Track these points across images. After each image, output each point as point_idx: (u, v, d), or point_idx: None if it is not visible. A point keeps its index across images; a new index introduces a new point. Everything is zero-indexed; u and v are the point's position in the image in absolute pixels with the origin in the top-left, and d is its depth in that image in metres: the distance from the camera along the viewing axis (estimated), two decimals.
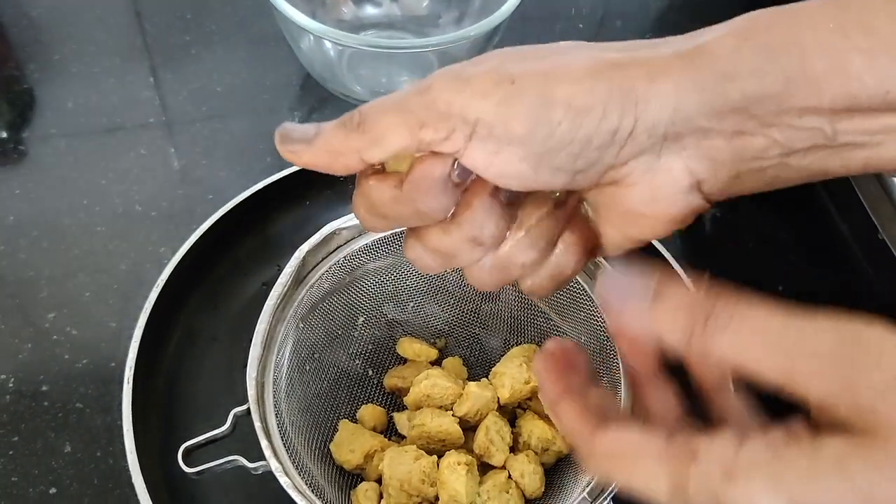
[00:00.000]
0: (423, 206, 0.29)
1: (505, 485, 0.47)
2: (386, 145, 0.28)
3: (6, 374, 0.53)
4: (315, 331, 0.51)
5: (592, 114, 0.27)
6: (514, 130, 0.27)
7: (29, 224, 0.60)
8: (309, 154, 0.30)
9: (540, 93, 0.27)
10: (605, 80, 0.27)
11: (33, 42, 0.71)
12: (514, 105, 0.27)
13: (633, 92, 0.27)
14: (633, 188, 0.29)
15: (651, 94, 0.27)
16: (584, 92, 0.27)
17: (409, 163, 0.29)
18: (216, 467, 0.43)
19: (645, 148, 0.28)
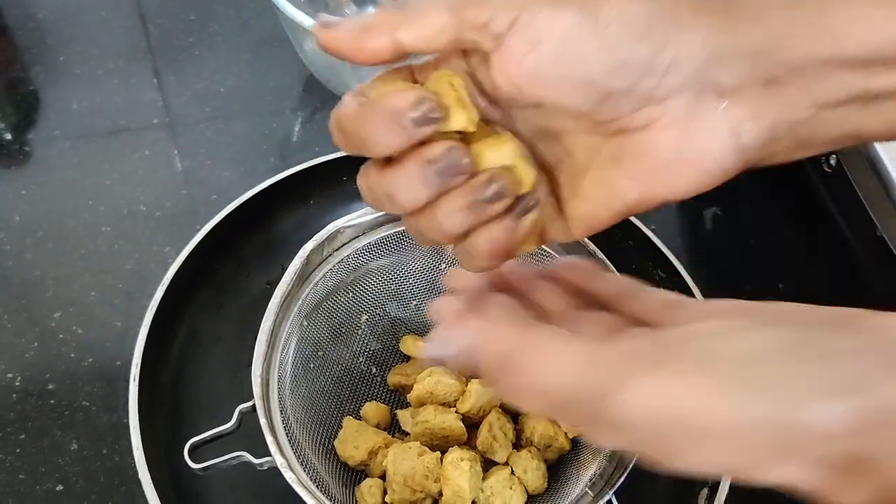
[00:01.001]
0: (368, 131, 0.27)
1: (508, 481, 0.47)
2: (424, 22, 0.26)
3: (13, 373, 0.54)
4: (319, 329, 0.51)
5: (637, 28, 0.26)
6: (557, 25, 0.25)
7: (34, 225, 0.61)
8: (341, 30, 0.27)
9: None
10: (654, 2, 0.26)
11: (38, 44, 0.72)
12: (562, 2, 0.26)
13: (678, 20, 0.26)
14: (666, 133, 0.27)
15: (694, 26, 0.26)
16: (633, 9, 0.26)
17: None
18: (222, 463, 0.44)
19: (685, 83, 0.26)
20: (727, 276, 0.61)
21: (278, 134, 0.68)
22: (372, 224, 0.51)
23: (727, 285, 0.59)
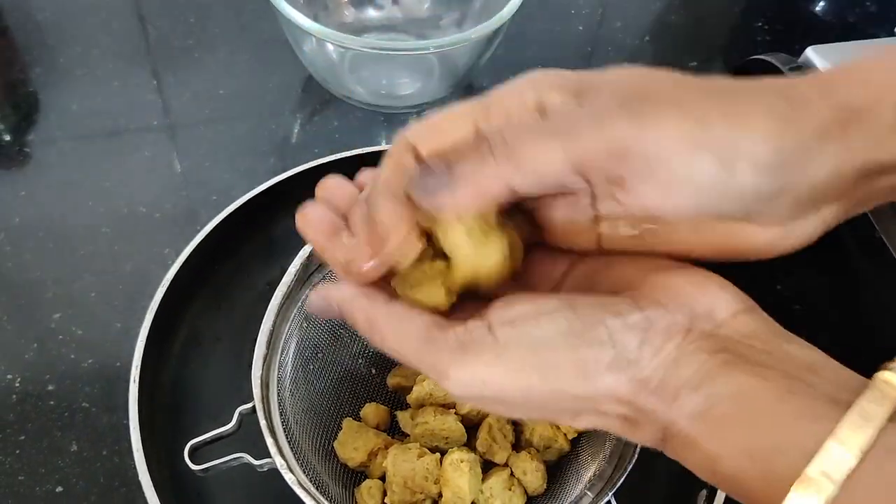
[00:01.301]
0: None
1: (507, 482, 0.47)
2: (539, 169, 0.27)
3: (12, 374, 0.54)
4: (319, 330, 0.51)
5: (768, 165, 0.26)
6: (695, 172, 0.26)
7: (34, 226, 0.61)
8: (456, 196, 0.28)
9: (728, 137, 0.26)
10: (791, 133, 0.26)
11: (38, 45, 0.72)
12: (701, 146, 0.26)
13: (809, 149, 0.27)
14: (766, 230, 0.29)
15: (821, 152, 0.27)
16: (770, 147, 0.26)
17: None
18: (222, 465, 0.44)
19: (802, 209, 0.28)
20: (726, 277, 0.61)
21: (278, 135, 0.68)
22: None
23: None
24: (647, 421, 0.28)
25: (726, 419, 0.26)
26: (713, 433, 0.26)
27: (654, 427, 0.28)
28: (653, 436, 0.28)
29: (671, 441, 0.28)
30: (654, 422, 0.27)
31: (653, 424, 0.28)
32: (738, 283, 0.28)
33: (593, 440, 0.49)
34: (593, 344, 0.27)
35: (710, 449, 0.26)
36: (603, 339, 0.27)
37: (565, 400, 0.28)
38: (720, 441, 0.26)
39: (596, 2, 0.79)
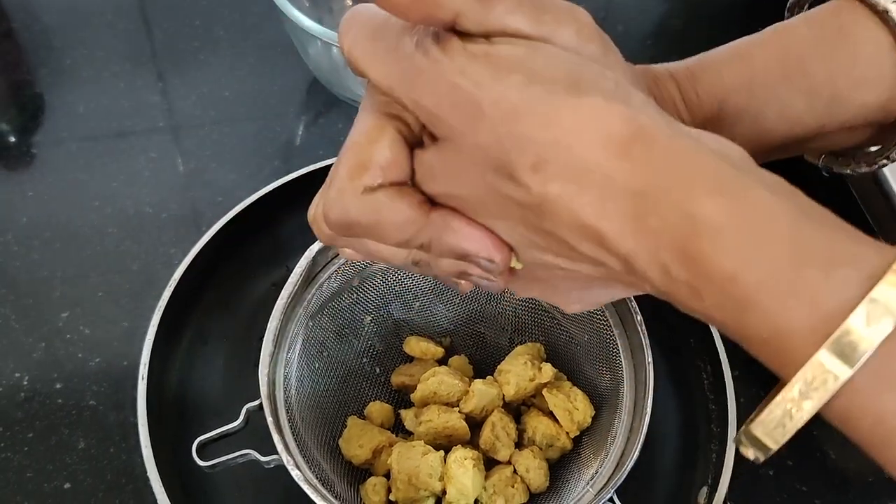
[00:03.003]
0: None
1: (510, 479, 0.48)
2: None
3: (21, 373, 0.54)
4: (324, 329, 0.52)
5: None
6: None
7: (42, 225, 0.61)
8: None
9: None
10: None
11: (44, 47, 0.73)
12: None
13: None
14: None
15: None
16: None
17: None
18: (229, 461, 0.44)
19: None
20: None
21: (282, 137, 0.68)
22: None
23: None
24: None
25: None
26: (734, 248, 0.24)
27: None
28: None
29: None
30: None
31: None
32: None
33: (596, 439, 0.49)
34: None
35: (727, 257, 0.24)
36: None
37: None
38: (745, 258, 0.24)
39: (599, 5, 0.80)
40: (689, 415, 0.54)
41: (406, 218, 0.28)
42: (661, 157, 0.25)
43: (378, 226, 0.28)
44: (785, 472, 0.53)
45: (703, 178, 0.24)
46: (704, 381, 0.54)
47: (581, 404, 0.49)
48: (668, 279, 0.25)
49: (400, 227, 0.28)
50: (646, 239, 0.25)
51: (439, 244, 0.29)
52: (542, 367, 0.50)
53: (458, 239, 0.28)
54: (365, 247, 0.30)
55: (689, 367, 0.55)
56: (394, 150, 0.28)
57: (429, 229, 0.28)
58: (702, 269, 0.24)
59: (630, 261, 0.25)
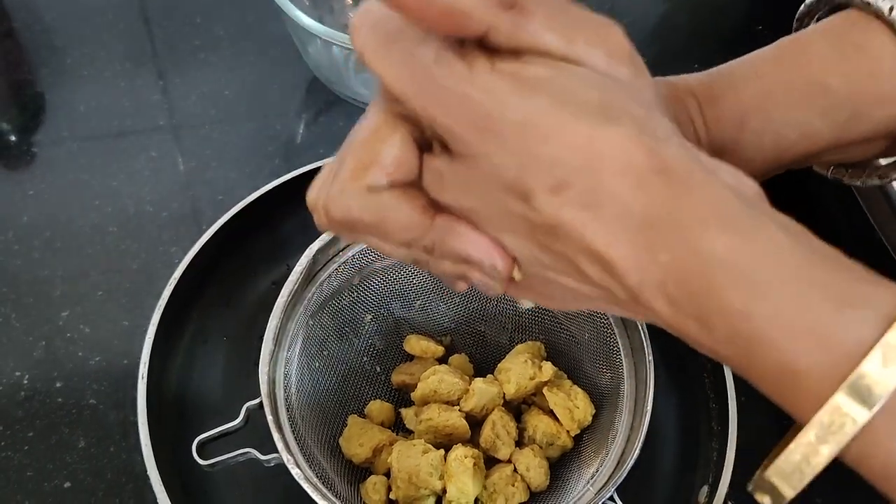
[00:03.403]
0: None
1: (511, 478, 0.48)
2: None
3: (21, 372, 0.54)
4: (324, 328, 0.52)
5: None
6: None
7: (42, 224, 0.61)
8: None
9: None
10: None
11: (45, 46, 0.73)
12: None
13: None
14: None
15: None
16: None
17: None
18: (229, 460, 0.44)
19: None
20: None
21: (283, 136, 0.68)
22: None
23: None
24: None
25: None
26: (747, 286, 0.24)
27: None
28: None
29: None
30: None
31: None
32: None
33: (596, 438, 0.49)
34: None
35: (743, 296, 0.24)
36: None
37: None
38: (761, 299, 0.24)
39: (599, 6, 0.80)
40: (689, 414, 0.54)
41: (410, 221, 0.28)
42: (677, 192, 0.24)
43: (381, 226, 0.28)
44: None
45: (717, 215, 0.24)
46: (705, 380, 0.54)
47: (581, 403, 0.49)
48: (676, 312, 0.25)
49: (403, 230, 0.28)
50: (655, 272, 0.25)
51: (442, 248, 0.28)
52: (543, 365, 0.50)
53: (462, 244, 0.28)
54: (366, 241, 0.30)
55: (690, 365, 0.55)
56: (403, 150, 0.27)
57: (433, 233, 0.28)
58: (711, 305, 0.24)
59: (637, 292, 0.25)
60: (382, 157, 0.27)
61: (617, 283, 0.26)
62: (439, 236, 0.28)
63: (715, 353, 0.26)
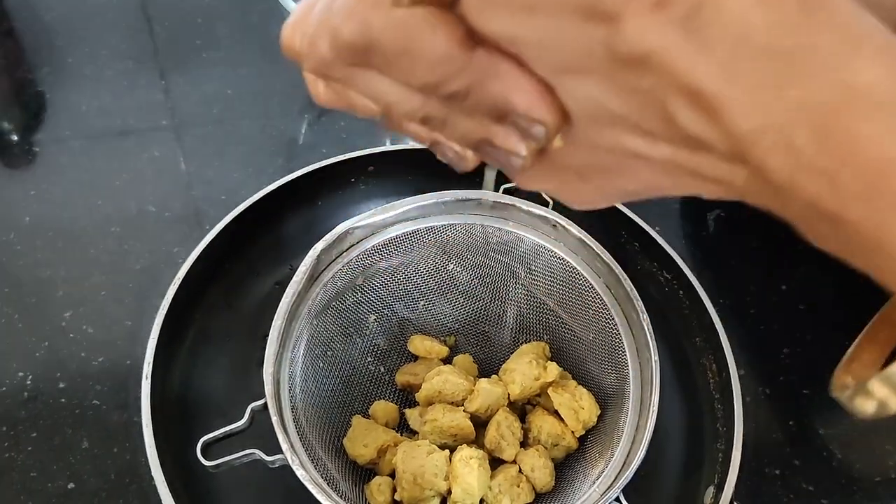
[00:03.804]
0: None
1: (516, 478, 0.48)
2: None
3: (24, 372, 0.54)
4: (328, 328, 0.51)
5: None
6: None
7: (45, 224, 0.61)
8: None
9: None
10: None
11: (46, 46, 0.72)
12: None
13: None
14: None
15: None
16: None
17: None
18: (234, 461, 0.44)
19: None
20: (731, 277, 0.62)
21: (285, 136, 0.68)
22: (381, 224, 0.52)
23: (731, 286, 0.60)
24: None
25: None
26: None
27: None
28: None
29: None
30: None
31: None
32: (743, 284, 0.28)
33: (601, 438, 0.49)
34: None
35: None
36: None
37: None
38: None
39: None
40: (695, 414, 0.54)
41: (444, 53, 0.21)
42: (816, 11, 0.20)
43: (406, 55, 0.21)
44: (791, 472, 0.52)
45: (866, 41, 0.20)
46: (710, 380, 0.54)
47: (586, 403, 0.49)
48: (797, 166, 0.20)
49: (435, 63, 0.22)
50: (782, 113, 0.20)
51: (479, 93, 0.22)
52: (548, 366, 0.50)
53: (505, 89, 0.22)
54: (369, 84, 0.23)
55: (695, 366, 0.55)
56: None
57: (469, 72, 0.22)
58: (850, 152, 0.20)
59: (748, 142, 0.20)
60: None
61: (720, 131, 0.20)
62: (477, 78, 0.22)
63: (838, 218, 0.21)
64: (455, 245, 0.53)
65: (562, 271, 0.52)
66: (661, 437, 0.50)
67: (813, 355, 0.57)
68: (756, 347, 0.57)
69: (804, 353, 0.57)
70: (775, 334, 0.58)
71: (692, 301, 0.56)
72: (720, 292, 0.56)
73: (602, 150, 0.22)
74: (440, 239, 0.53)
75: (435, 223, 0.52)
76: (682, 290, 0.57)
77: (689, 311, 0.56)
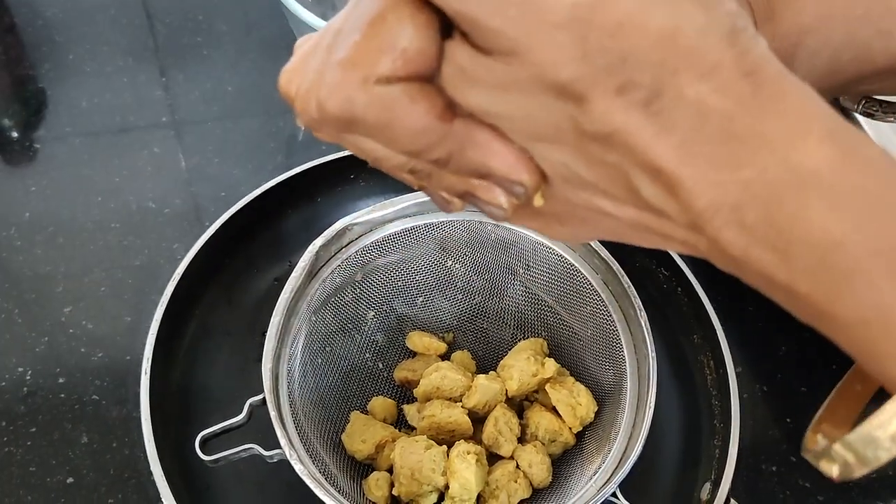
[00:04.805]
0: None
1: (513, 474, 0.48)
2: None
3: (23, 367, 0.54)
4: (327, 324, 0.52)
5: None
6: None
7: (45, 221, 0.61)
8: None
9: None
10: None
11: (47, 42, 0.73)
12: None
13: None
14: None
15: None
16: None
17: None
18: (232, 455, 0.44)
19: None
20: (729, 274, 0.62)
21: (285, 132, 0.68)
22: (380, 221, 0.52)
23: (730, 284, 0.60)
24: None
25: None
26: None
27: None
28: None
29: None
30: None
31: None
32: (741, 281, 0.28)
33: (598, 434, 0.49)
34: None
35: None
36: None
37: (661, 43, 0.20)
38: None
39: None
40: (691, 411, 0.54)
41: (425, 125, 0.23)
42: (767, 97, 0.21)
43: (388, 128, 0.23)
44: (788, 469, 0.53)
45: (815, 125, 0.21)
46: (707, 377, 0.54)
47: (584, 399, 0.49)
48: (750, 241, 0.21)
49: (415, 135, 0.23)
50: (732, 192, 0.21)
51: (460, 159, 0.24)
52: (545, 362, 0.50)
53: (485, 155, 0.23)
54: (358, 144, 0.25)
55: (692, 362, 0.55)
56: (423, 34, 0.22)
57: (449, 142, 0.23)
58: (799, 231, 0.21)
59: (703, 218, 0.21)
60: (399, 40, 0.22)
61: (679, 205, 0.22)
62: (457, 147, 0.23)
63: (790, 290, 0.22)
64: (453, 242, 0.53)
65: (560, 268, 0.52)
66: (658, 433, 0.50)
67: (810, 353, 0.57)
68: (754, 345, 0.58)
69: (802, 351, 0.58)
70: (773, 332, 0.58)
71: (690, 298, 0.56)
72: (718, 289, 0.56)
73: (576, 206, 0.24)
74: (439, 235, 0.53)
75: (433, 220, 0.52)
76: (679, 286, 0.57)
77: (687, 307, 0.56)
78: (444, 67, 0.22)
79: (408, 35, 0.21)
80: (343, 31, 0.23)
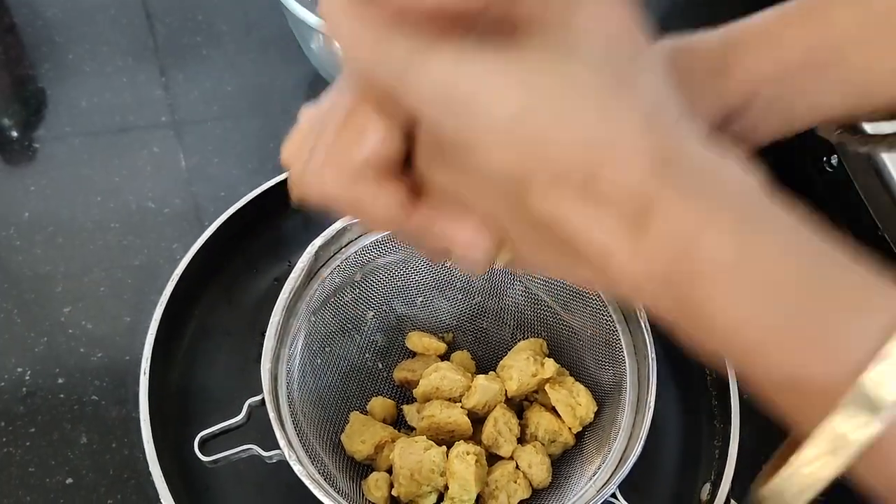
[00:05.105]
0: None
1: (513, 475, 0.48)
2: None
3: (23, 368, 0.54)
4: (326, 324, 0.52)
5: None
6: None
7: (44, 220, 0.61)
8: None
9: None
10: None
11: (47, 42, 0.72)
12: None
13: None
14: None
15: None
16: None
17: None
18: (231, 456, 0.44)
19: None
20: None
21: (285, 132, 0.67)
22: None
23: None
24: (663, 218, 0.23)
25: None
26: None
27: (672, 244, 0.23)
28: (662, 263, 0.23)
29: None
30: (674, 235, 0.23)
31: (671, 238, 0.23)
32: None
33: (598, 435, 0.49)
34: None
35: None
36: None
37: (562, 143, 0.23)
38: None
39: None
40: (691, 411, 0.54)
41: (388, 214, 0.26)
42: (679, 186, 0.23)
43: (360, 216, 0.27)
44: None
45: (719, 214, 0.23)
46: (707, 378, 0.54)
47: (583, 400, 0.49)
48: (669, 314, 0.24)
49: (382, 222, 0.27)
50: (649, 273, 0.23)
51: (427, 236, 0.27)
52: (545, 362, 0.50)
53: (444, 237, 0.27)
54: (342, 212, 0.28)
55: (692, 363, 0.55)
56: (386, 136, 0.25)
57: (414, 224, 0.27)
58: (706, 311, 0.23)
59: (631, 293, 0.25)
60: (363, 142, 0.25)
61: (611, 280, 0.24)
62: (422, 226, 0.27)
63: (714, 355, 0.24)
64: None
65: None
66: (657, 433, 0.50)
67: None
68: None
69: None
70: None
71: None
72: None
73: (538, 258, 0.27)
74: None
75: None
76: None
77: None
78: (417, 151, 0.26)
79: (374, 139, 0.25)
80: (323, 125, 0.27)
